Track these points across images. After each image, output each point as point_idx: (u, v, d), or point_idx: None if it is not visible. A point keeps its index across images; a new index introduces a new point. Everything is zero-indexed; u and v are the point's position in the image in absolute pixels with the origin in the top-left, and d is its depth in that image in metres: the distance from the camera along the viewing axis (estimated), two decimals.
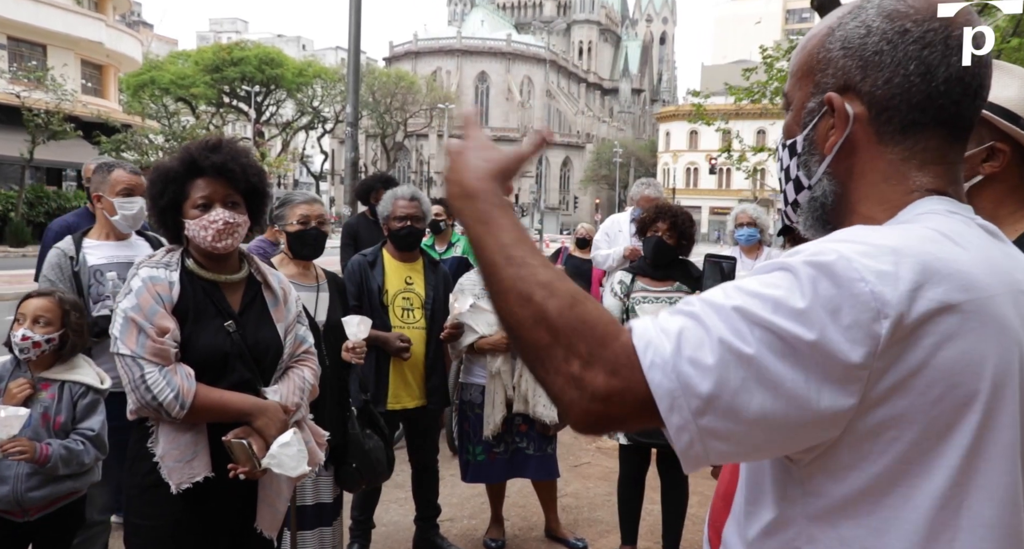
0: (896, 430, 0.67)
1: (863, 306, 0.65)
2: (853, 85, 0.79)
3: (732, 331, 0.66)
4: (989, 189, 1.32)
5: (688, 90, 12.53)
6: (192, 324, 1.86)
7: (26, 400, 2.18)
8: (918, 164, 0.79)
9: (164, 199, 1.89)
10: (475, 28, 79.25)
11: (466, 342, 3.24)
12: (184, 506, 1.82)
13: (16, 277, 12.12)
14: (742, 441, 0.67)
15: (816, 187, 0.83)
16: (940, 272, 0.68)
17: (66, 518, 2.30)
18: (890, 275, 0.66)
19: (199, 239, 1.88)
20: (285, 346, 2.01)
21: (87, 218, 3.32)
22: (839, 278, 0.66)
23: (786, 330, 0.65)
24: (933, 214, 0.76)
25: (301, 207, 2.78)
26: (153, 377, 1.76)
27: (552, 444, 3.41)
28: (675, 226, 3.25)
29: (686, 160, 60.96)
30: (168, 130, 26.93)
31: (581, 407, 0.69)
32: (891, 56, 0.77)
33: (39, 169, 21.64)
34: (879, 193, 0.80)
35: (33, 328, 2.19)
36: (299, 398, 2.01)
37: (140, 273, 1.85)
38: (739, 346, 0.66)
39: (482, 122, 54.08)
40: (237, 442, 1.82)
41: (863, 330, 0.64)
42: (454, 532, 3.60)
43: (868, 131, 0.79)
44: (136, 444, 1.89)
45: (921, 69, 0.76)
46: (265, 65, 37.73)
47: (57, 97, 18.61)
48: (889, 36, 0.77)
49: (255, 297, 2.01)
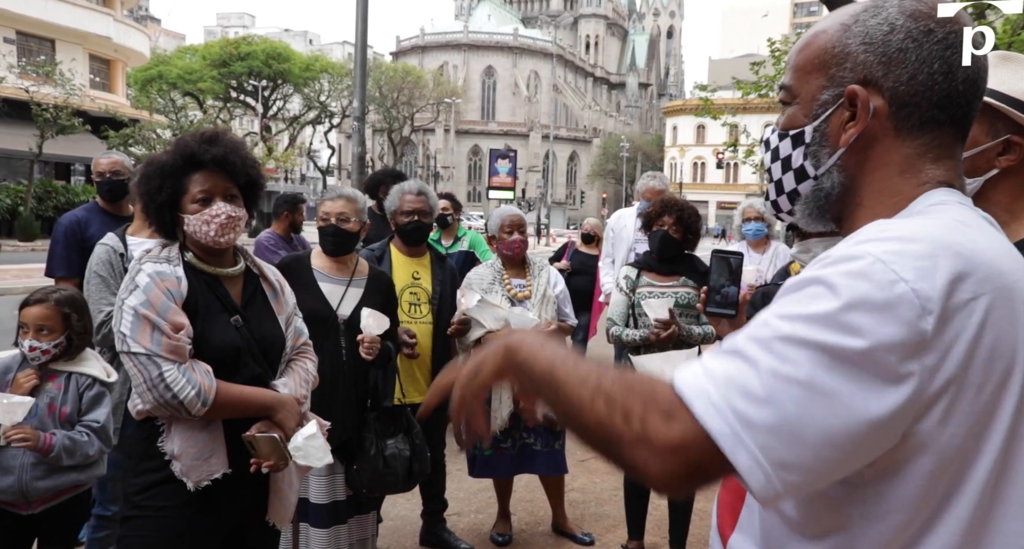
0: (953, 426, 0.68)
1: (907, 305, 0.65)
2: (874, 80, 0.80)
3: (780, 359, 0.66)
4: (1005, 182, 1.31)
5: (695, 84, 12.48)
6: (202, 320, 1.82)
7: (32, 390, 2.20)
8: (933, 158, 0.81)
9: (162, 194, 1.82)
10: (482, 22, 79.03)
11: (473, 337, 3.24)
12: (195, 500, 1.80)
13: (25, 271, 12.19)
14: (813, 467, 0.66)
15: (824, 178, 0.84)
16: (972, 262, 0.69)
17: (71, 511, 2.31)
18: (927, 271, 0.67)
19: (201, 234, 1.83)
20: (287, 339, 2.00)
21: (97, 212, 3.33)
22: (878, 282, 0.66)
23: (834, 345, 0.65)
24: (946, 205, 0.78)
25: (326, 204, 2.82)
26: (172, 375, 1.70)
27: (560, 440, 3.41)
28: (681, 220, 3.24)
29: (693, 154, 60.72)
30: (176, 125, 27.04)
31: (657, 466, 0.68)
32: (916, 54, 0.79)
33: (48, 164, 21.74)
34: (892, 186, 0.81)
35: (39, 338, 2.21)
36: (305, 390, 2.01)
37: (144, 268, 1.78)
38: (790, 372, 0.66)
39: (489, 117, 53.66)
40: (266, 436, 1.80)
41: (910, 329, 0.65)
42: (461, 526, 3.61)
43: (886, 125, 0.81)
44: (142, 442, 1.84)
45: (944, 68, 0.79)
46: (272, 60, 37.78)
47: (65, 92, 18.67)
48: (914, 34, 0.79)
49: (255, 290, 1.98)
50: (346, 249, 2.81)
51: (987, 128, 1.30)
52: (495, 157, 36.44)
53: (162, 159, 1.85)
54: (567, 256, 6.63)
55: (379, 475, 2.66)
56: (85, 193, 19.87)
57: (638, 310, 3.23)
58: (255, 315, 1.94)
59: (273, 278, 2.03)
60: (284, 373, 2.00)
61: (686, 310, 3.22)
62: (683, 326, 3.13)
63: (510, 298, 3.29)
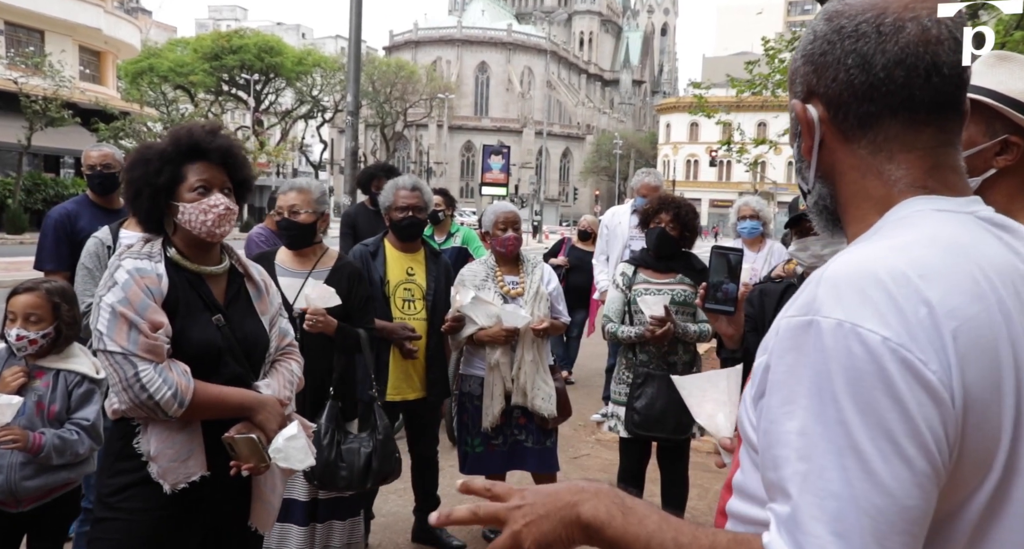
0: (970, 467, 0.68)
1: (906, 366, 0.65)
2: (813, 89, 0.82)
3: (834, 514, 0.64)
4: (1002, 183, 1.30)
5: (689, 81, 12.48)
6: (182, 318, 1.76)
7: (20, 388, 2.15)
8: (887, 156, 0.79)
9: (161, 178, 1.76)
10: (476, 18, 78.81)
11: (466, 333, 3.22)
12: (171, 503, 1.75)
13: (14, 264, 12.07)
14: None
15: (814, 193, 0.87)
16: (938, 298, 0.67)
17: (61, 508, 2.28)
18: (909, 321, 0.66)
19: (196, 224, 1.77)
20: (271, 339, 1.96)
21: (86, 205, 3.30)
22: (871, 353, 0.65)
23: (862, 441, 0.64)
24: (913, 217, 0.76)
25: (279, 198, 2.82)
26: (148, 375, 1.65)
27: (552, 437, 3.40)
28: (678, 217, 3.23)
29: (686, 152, 60.83)
30: (167, 118, 26.84)
31: None
32: (832, 55, 0.80)
33: (36, 156, 21.54)
34: (862, 190, 0.81)
35: (27, 326, 2.17)
36: (289, 391, 1.96)
37: (124, 265, 1.72)
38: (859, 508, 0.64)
39: (482, 113, 53.58)
40: (244, 438, 1.75)
41: (921, 381, 0.65)
42: None
43: (834, 131, 0.82)
44: (118, 442, 1.79)
45: (858, 61, 0.78)
46: (264, 53, 37.49)
47: (55, 83, 18.51)
48: (829, 36, 0.80)
49: (239, 290, 1.93)
50: (303, 242, 2.77)
51: (984, 128, 1.30)
52: (488, 153, 36.37)
53: (161, 146, 1.81)
54: (564, 252, 6.63)
55: (330, 467, 2.55)
56: (75, 186, 19.71)
57: (634, 307, 3.22)
58: (238, 314, 1.89)
59: (258, 277, 1.99)
60: (268, 374, 1.95)
61: (682, 308, 3.21)
62: (679, 324, 3.13)
63: (503, 295, 3.27)
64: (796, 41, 9.30)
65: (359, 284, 2.86)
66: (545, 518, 0.77)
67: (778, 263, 3.59)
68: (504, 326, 3.12)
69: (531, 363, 3.22)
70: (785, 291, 2.23)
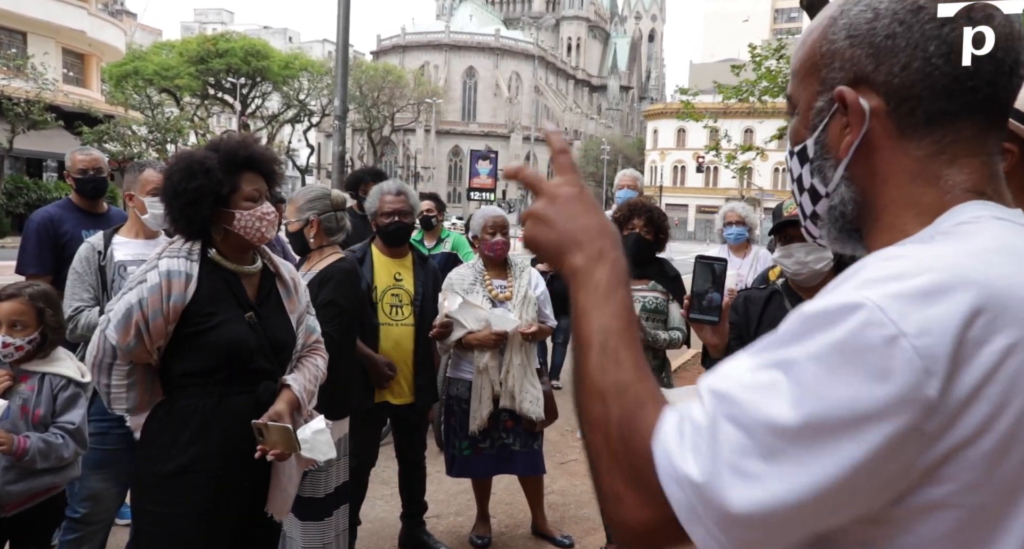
0: (947, 511, 0.58)
1: (906, 369, 0.55)
2: (865, 76, 0.69)
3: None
4: None
5: (676, 87, 12.56)
6: (216, 315, 1.89)
7: (4, 392, 2.13)
8: (948, 159, 0.68)
9: (224, 188, 1.90)
10: (464, 23, 78.91)
11: (454, 338, 3.22)
12: (208, 494, 1.87)
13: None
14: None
15: (834, 195, 0.73)
16: (997, 299, 0.57)
17: (45, 514, 2.25)
18: (933, 319, 0.56)
19: (252, 230, 1.92)
20: (298, 336, 2.10)
21: (70, 209, 3.27)
22: (868, 343, 0.56)
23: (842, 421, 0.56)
24: (978, 223, 0.65)
25: None
26: (118, 390, 1.88)
27: (538, 440, 3.40)
28: (651, 221, 3.30)
29: (673, 158, 61.16)
30: (152, 121, 26.61)
31: (625, 532, 0.67)
32: (906, 38, 0.67)
33: (19, 159, 21.31)
34: (907, 196, 0.69)
35: (12, 334, 2.15)
36: (313, 385, 2.09)
37: (160, 265, 1.86)
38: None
39: (469, 117, 53.66)
40: (279, 426, 1.86)
41: (907, 393, 0.55)
42: (440, 529, 3.59)
43: (888, 126, 0.69)
44: (158, 431, 1.92)
45: (943, 49, 0.66)
46: (251, 57, 37.38)
47: (38, 86, 18.33)
48: (901, 16, 0.67)
49: (271, 289, 2.07)
50: (299, 249, 2.83)
51: None
52: (476, 158, 36.43)
53: (216, 157, 1.91)
54: None
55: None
56: (57, 189, 19.48)
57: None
58: (269, 313, 2.02)
59: (288, 277, 2.11)
60: (295, 369, 2.09)
61: (653, 315, 3.24)
62: (649, 331, 3.15)
63: (491, 299, 3.28)
64: (783, 48, 9.39)
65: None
66: (555, 232, 0.79)
67: (763, 269, 3.61)
68: (493, 330, 3.13)
69: (519, 366, 3.23)
70: (770, 298, 2.24)
